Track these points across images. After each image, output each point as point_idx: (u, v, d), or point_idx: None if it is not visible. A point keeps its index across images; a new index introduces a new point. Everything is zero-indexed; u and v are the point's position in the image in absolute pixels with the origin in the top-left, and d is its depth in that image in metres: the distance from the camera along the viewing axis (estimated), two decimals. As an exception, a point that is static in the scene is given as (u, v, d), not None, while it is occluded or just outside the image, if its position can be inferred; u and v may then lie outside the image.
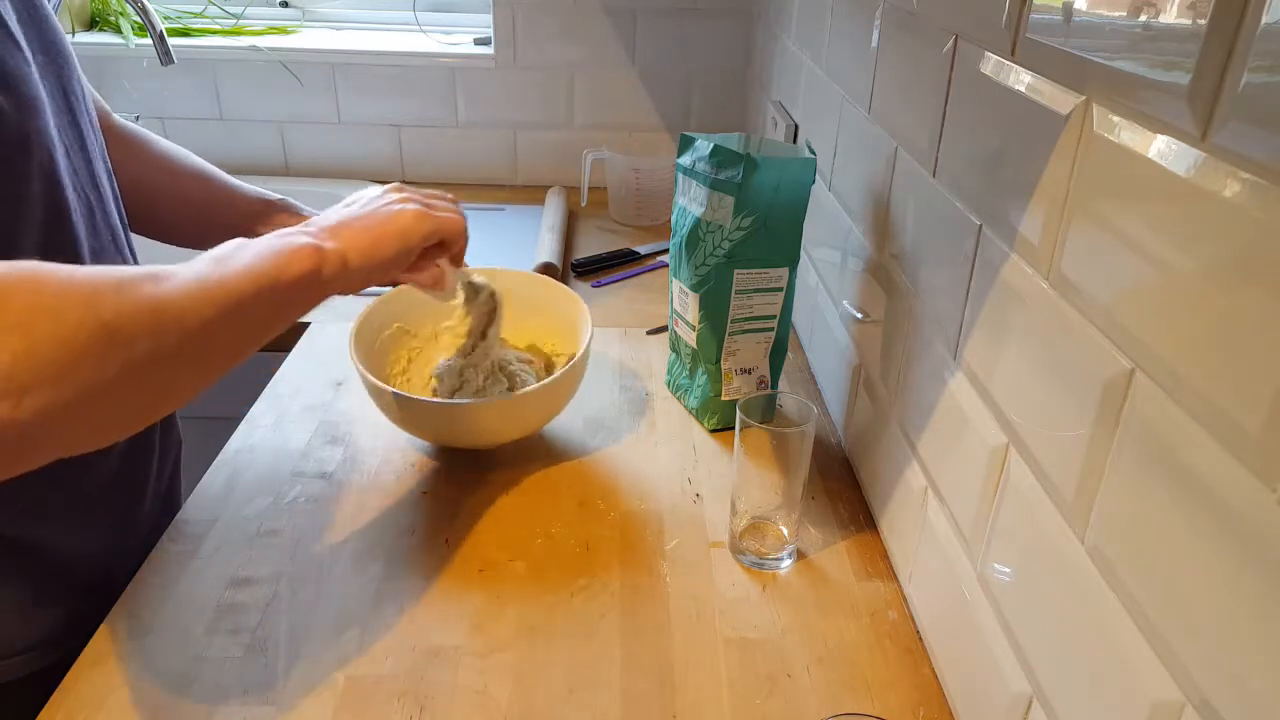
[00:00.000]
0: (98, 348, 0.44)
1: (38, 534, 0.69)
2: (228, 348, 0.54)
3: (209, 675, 0.65)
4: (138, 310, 0.46)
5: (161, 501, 0.82)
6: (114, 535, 0.75)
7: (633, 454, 0.91)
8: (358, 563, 0.76)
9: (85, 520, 0.72)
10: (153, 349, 0.47)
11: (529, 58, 1.58)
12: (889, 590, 0.75)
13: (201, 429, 0.97)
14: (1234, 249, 0.36)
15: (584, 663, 0.67)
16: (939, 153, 0.68)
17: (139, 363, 0.46)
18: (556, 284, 0.98)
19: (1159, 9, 0.41)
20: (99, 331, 0.44)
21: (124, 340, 0.45)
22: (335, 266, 0.60)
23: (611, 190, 1.50)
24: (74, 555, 0.71)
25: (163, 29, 1.25)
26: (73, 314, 0.43)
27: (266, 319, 0.56)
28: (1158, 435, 0.41)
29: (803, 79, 1.16)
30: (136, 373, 0.46)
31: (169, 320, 0.48)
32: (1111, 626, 0.44)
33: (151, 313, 0.47)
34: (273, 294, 0.55)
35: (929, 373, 0.70)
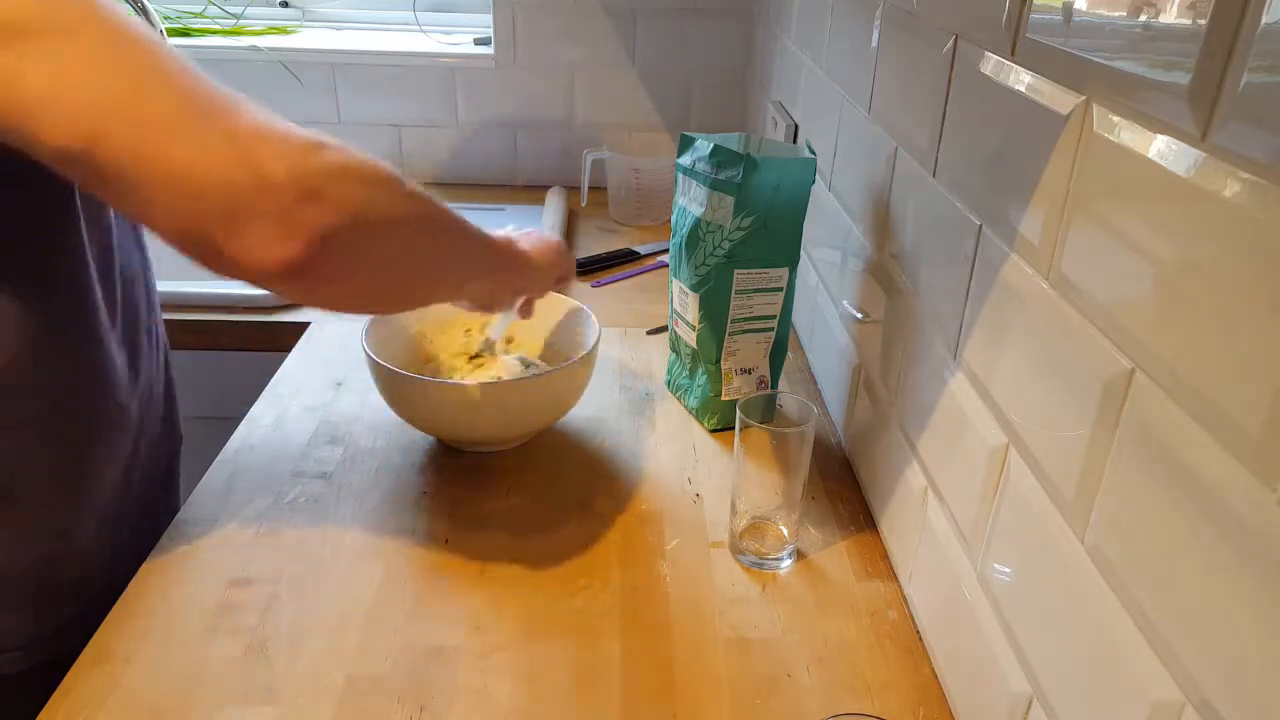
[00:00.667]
0: (397, 190, 0.56)
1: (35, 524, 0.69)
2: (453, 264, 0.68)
3: (209, 675, 0.65)
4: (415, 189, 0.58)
5: (158, 493, 0.82)
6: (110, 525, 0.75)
7: (633, 454, 0.91)
8: (358, 563, 0.76)
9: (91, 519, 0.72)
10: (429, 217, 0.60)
11: (529, 58, 1.58)
12: (889, 590, 0.75)
13: (201, 429, 0.97)
14: (1234, 249, 0.36)
15: (584, 663, 0.67)
16: (939, 153, 0.68)
17: (420, 219, 0.59)
18: (560, 296, 0.98)
19: (1159, 9, 0.41)
20: (394, 180, 0.56)
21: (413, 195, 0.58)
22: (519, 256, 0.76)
23: (611, 190, 1.50)
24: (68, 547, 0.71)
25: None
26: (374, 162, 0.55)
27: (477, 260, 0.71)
28: (1158, 435, 0.41)
29: (803, 79, 1.16)
30: (417, 230, 0.59)
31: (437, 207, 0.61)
32: (1111, 626, 0.44)
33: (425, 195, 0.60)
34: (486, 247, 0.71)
35: (929, 373, 0.70)
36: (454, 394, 0.83)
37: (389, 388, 0.85)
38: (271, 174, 0.48)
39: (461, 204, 1.57)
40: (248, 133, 0.49)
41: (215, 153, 0.48)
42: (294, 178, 0.49)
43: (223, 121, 0.48)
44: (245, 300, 1.17)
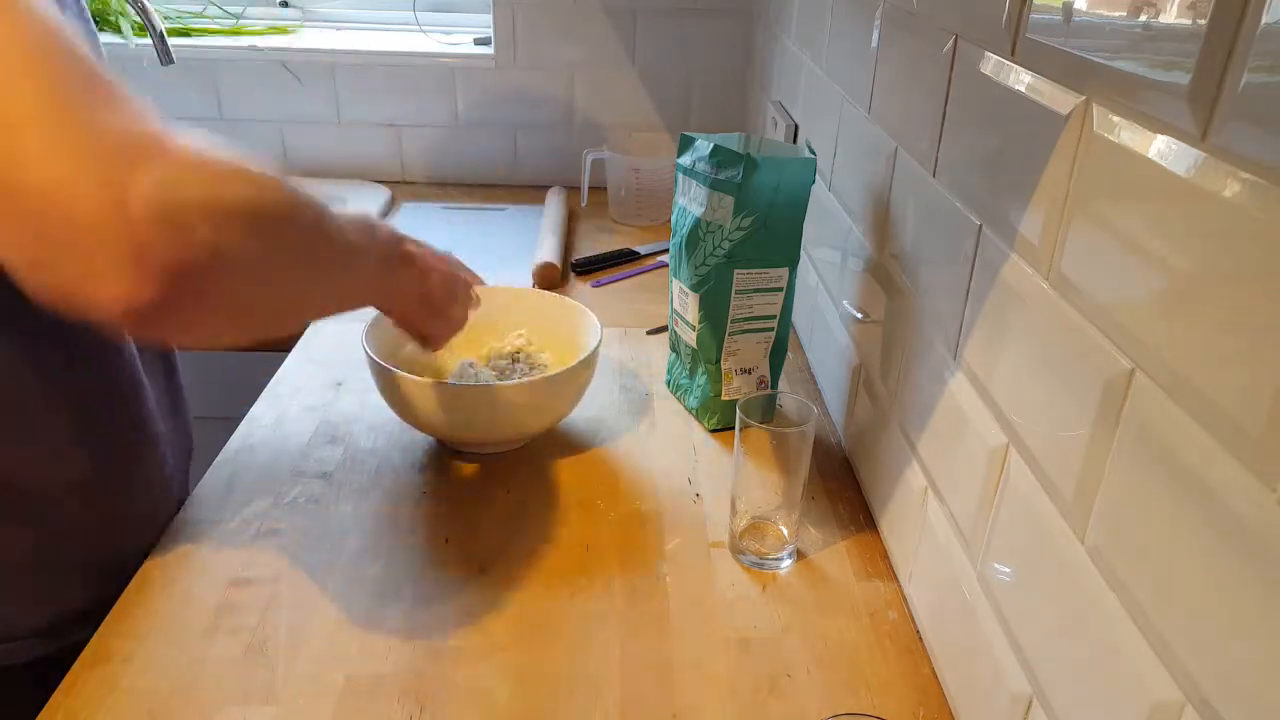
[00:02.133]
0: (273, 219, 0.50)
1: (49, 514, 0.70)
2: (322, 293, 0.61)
3: (209, 675, 0.65)
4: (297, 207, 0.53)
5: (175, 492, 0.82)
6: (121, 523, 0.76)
7: (633, 454, 0.91)
8: (358, 563, 0.76)
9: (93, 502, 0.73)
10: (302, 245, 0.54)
11: (529, 58, 1.58)
12: (889, 590, 0.75)
13: (202, 429, 0.97)
14: (1234, 249, 0.36)
15: (584, 662, 0.67)
16: (939, 153, 0.68)
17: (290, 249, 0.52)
18: (561, 298, 0.98)
19: (1159, 9, 0.41)
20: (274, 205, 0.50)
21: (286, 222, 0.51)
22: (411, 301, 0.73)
23: (611, 190, 1.50)
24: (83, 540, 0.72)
25: (163, 29, 1.25)
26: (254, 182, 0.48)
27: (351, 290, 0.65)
28: (1158, 435, 0.41)
29: (803, 79, 1.16)
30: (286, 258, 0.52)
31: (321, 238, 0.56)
32: (1111, 626, 0.44)
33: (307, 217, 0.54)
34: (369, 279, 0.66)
35: (929, 373, 0.70)
36: (453, 396, 0.83)
37: (389, 388, 0.85)
38: (127, 200, 0.41)
39: (462, 204, 1.59)
40: (111, 144, 0.42)
41: (68, 164, 0.41)
42: (152, 207, 0.42)
43: (88, 125, 0.42)
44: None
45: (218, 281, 0.46)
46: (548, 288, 1.26)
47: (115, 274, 0.42)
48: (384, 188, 1.60)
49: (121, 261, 0.42)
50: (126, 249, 0.41)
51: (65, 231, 0.41)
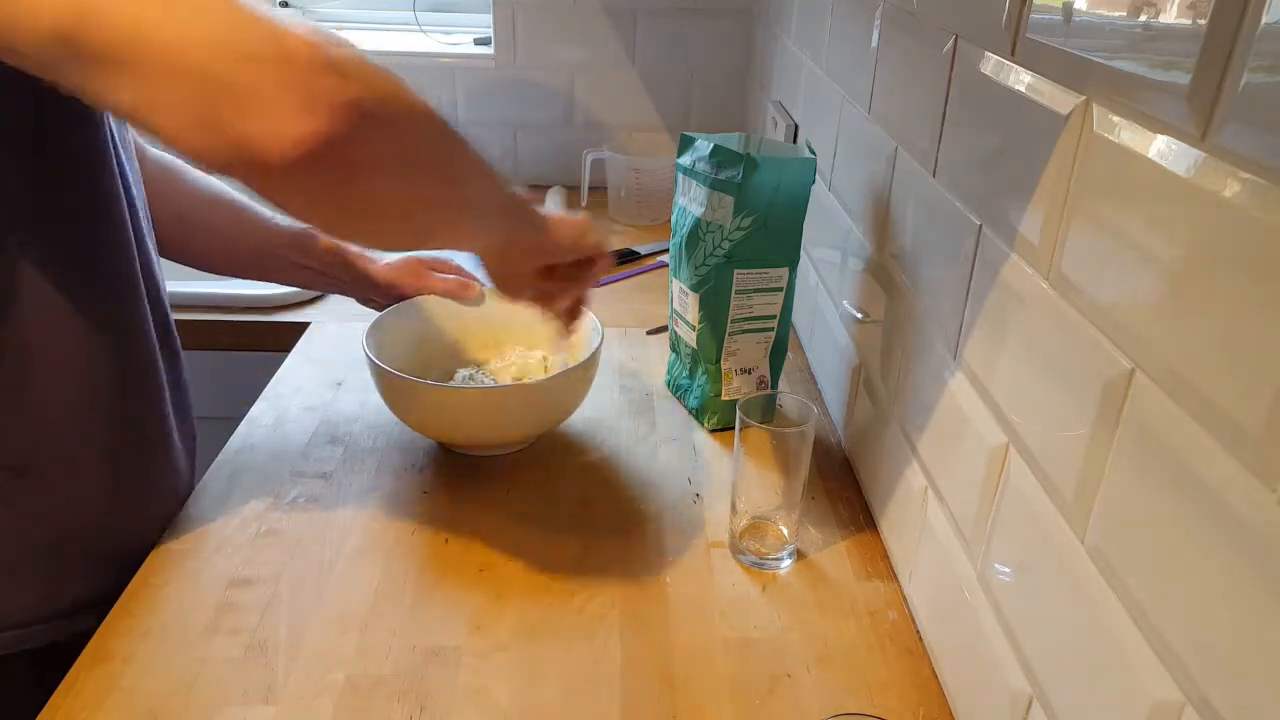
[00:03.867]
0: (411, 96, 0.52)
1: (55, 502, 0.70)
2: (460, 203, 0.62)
3: (209, 675, 0.65)
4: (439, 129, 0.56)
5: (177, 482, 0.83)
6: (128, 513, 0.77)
7: (633, 454, 0.91)
8: (358, 563, 0.76)
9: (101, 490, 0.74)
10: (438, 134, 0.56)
11: (529, 58, 1.58)
12: (889, 590, 0.75)
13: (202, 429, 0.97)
14: (1234, 249, 0.36)
15: (584, 663, 0.67)
16: (939, 153, 0.68)
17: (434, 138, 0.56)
18: None
19: (1159, 9, 0.41)
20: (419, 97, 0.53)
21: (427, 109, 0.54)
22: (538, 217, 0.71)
23: (611, 190, 1.50)
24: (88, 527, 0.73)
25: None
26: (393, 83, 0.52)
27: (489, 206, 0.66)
28: (1158, 435, 0.41)
29: (803, 79, 1.16)
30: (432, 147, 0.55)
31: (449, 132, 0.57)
32: (1111, 626, 0.44)
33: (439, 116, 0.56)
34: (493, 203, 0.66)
35: (929, 373, 0.70)
36: (453, 398, 0.83)
37: (389, 391, 0.85)
38: (293, 46, 0.45)
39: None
40: (259, 7, 0.46)
41: (224, 20, 0.45)
42: (315, 49, 0.46)
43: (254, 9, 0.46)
44: (245, 300, 1.17)
45: (381, 132, 0.50)
46: (548, 287, 1.26)
47: (285, 111, 0.45)
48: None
49: (289, 100, 0.45)
50: (293, 86, 0.45)
51: (236, 80, 0.44)
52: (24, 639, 0.70)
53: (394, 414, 0.88)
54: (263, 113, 0.45)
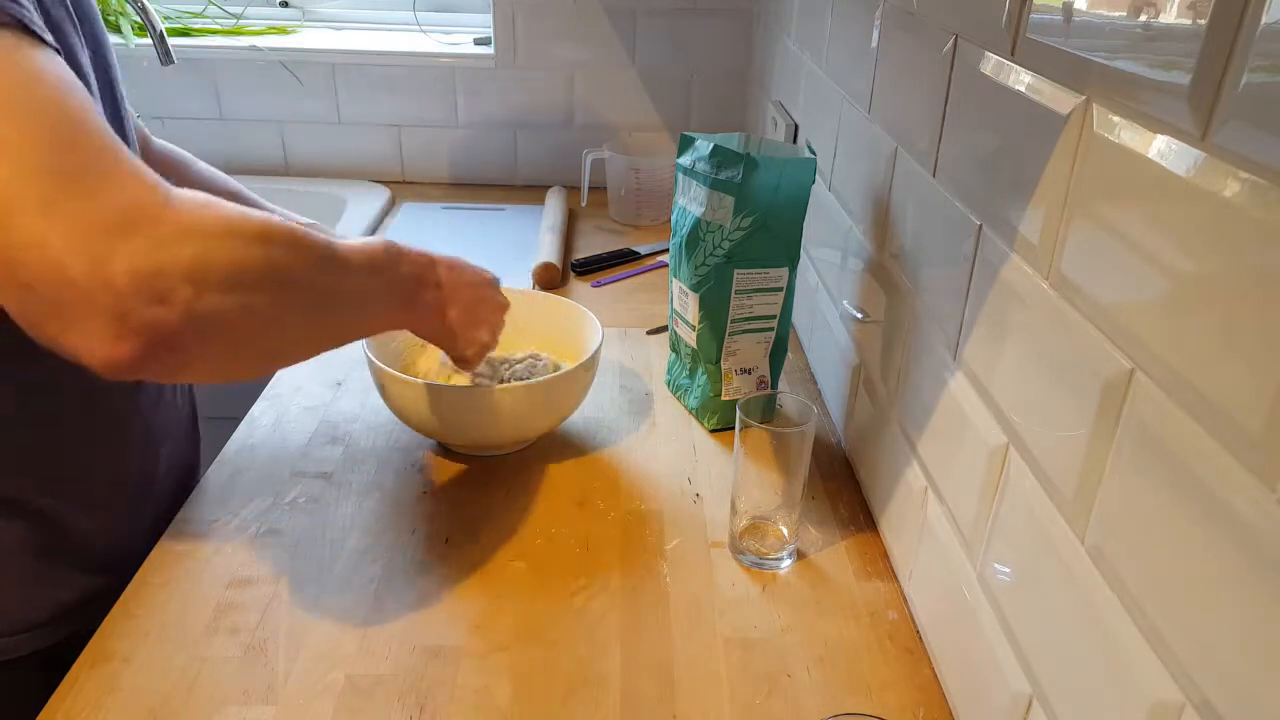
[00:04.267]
0: (262, 274, 0.50)
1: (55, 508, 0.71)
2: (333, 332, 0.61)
3: (209, 675, 0.65)
4: (297, 262, 0.54)
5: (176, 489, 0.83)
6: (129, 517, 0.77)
7: (633, 454, 0.91)
8: (358, 563, 0.76)
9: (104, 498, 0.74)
10: (300, 298, 0.54)
11: (529, 58, 1.58)
12: (889, 590, 0.75)
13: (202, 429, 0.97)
14: (1234, 249, 0.36)
15: (584, 663, 0.67)
16: (939, 153, 0.68)
17: (286, 303, 0.53)
18: (562, 299, 0.98)
19: (1159, 9, 0.41)
20: (265, 262, 0.50)
21: (283, 279, 0.52)
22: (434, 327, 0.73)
23: (611, 190, 1.50)
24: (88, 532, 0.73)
25: (163, 29, 1.25)
26: (244, 243, 0.49)
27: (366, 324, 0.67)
28: (1158, 435, 0.41)
29: (803, 79, 1.16)
30: (281, 311, 0.53)
31: (317, 283, 0.56)
32: (1111, 626, 0.44)
33: (306, 271, 0.55)
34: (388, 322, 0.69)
35: (929, 373, 0.70)
36: (452, 399, 0.83)
37: (387, 391, 0.85)
38: (112, 274, 0.44)
39: (461, 204, 1.59)
40: (98, 217, 0.45)
41: (54, 239, 0.44)
42: (136, 278, 0.44)
43: (75, 200, 0.44)
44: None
45: (205, 338, 0.48)
46: (547, 288, 1.26)
47: (99, 337, 0.45)
48: (384, 188, 1.60)
49: (105, 326, 0.45)
50: (109, 316, 0.45)
51: (53, 299, 0.44)
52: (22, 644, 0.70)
53: (392, 412, 0.88)
54: (76, 334, 0.45)
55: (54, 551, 0.71)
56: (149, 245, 0.45)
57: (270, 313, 0.52)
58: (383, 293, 0.65)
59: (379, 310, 0.66)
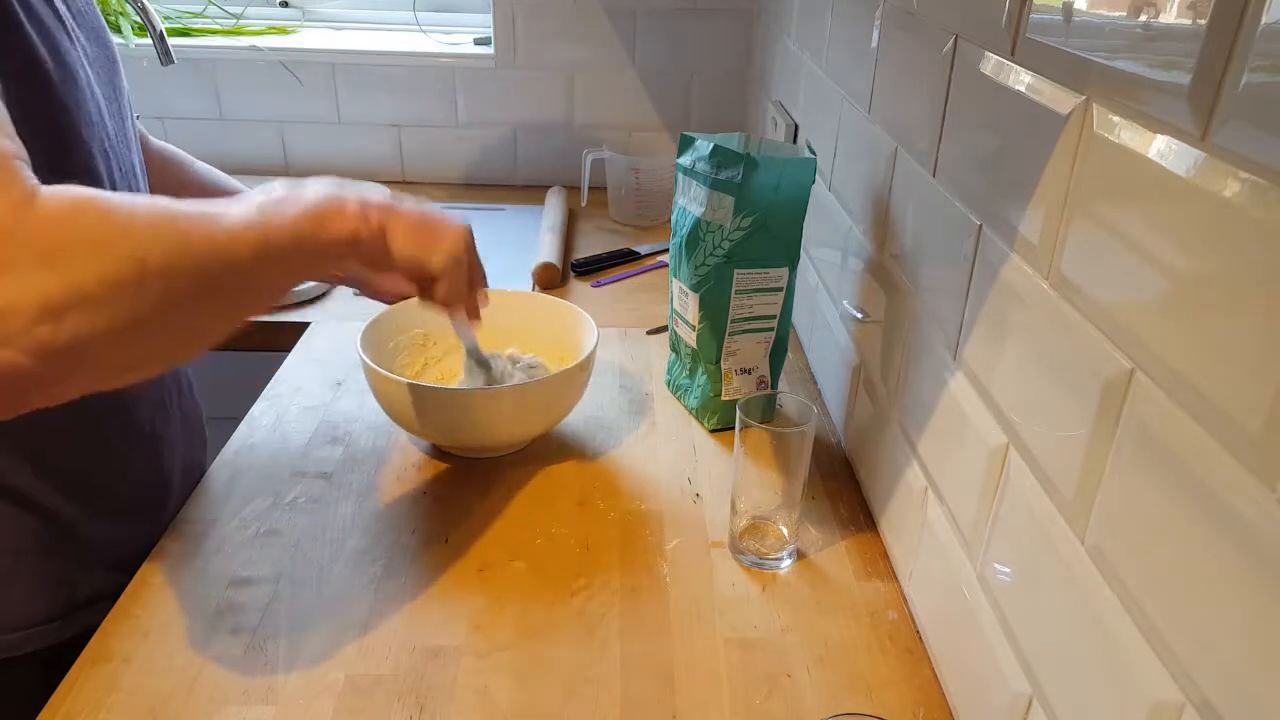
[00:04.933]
0: (133, 282, 0.45)
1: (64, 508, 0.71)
2: (259, 293, 0.55)
3: (209, 675, 0.65)
4: (178, 251, 0.47)
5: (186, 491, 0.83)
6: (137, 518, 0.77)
7: (633, 454, 0.91)
8: (358, 563, 0.76)
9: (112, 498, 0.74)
10: (188, 289, 0.48)
11: (529, 58, 1.58)
12: (889, 590, 0.75)
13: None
14: (1234, 249, 0.36)
15: (584, 663, 0.67)
16: (939, 153, 0.68)
17: (174, 300, 0.47)
18: (558, 301, 0.97)
19: (1159, 9, 0.41)
20: (135, 267, 0.45)
21: (159, 278, 0.46)
22: (374, 238, 0.60)
23: (611, 190, 1.50)
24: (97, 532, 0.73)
25: (163, 29, 1.25)
26: (112, 248, 0.44)
27: (298, 271, 0.58)
28: (1158, 435, 0.41)
29: (803, 79, 1.16)
30: (170, 309, 0.47)
31: (208, 264, 0.49)
32: (1111, 626, 0.44)
33: (191, 255, 0.48)
34: (312, 249, 0.56)
35: (929, 373, 0.70)
36: (445, 400, 0.82)
37: (380, 391, 0.84)
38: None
39: (461, 204, 1.59)
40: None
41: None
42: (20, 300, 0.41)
43: None
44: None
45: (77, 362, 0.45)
46: (547, 288, 1.26)
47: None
48: (384, 188, 1.60)
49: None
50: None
51: None
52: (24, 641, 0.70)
53: (388, 416, 0.87)
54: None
55: (63, 551, 0.71)
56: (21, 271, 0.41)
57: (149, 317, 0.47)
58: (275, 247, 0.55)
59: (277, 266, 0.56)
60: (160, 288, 0.46)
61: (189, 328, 0.51)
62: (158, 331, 0.48)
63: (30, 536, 0.69)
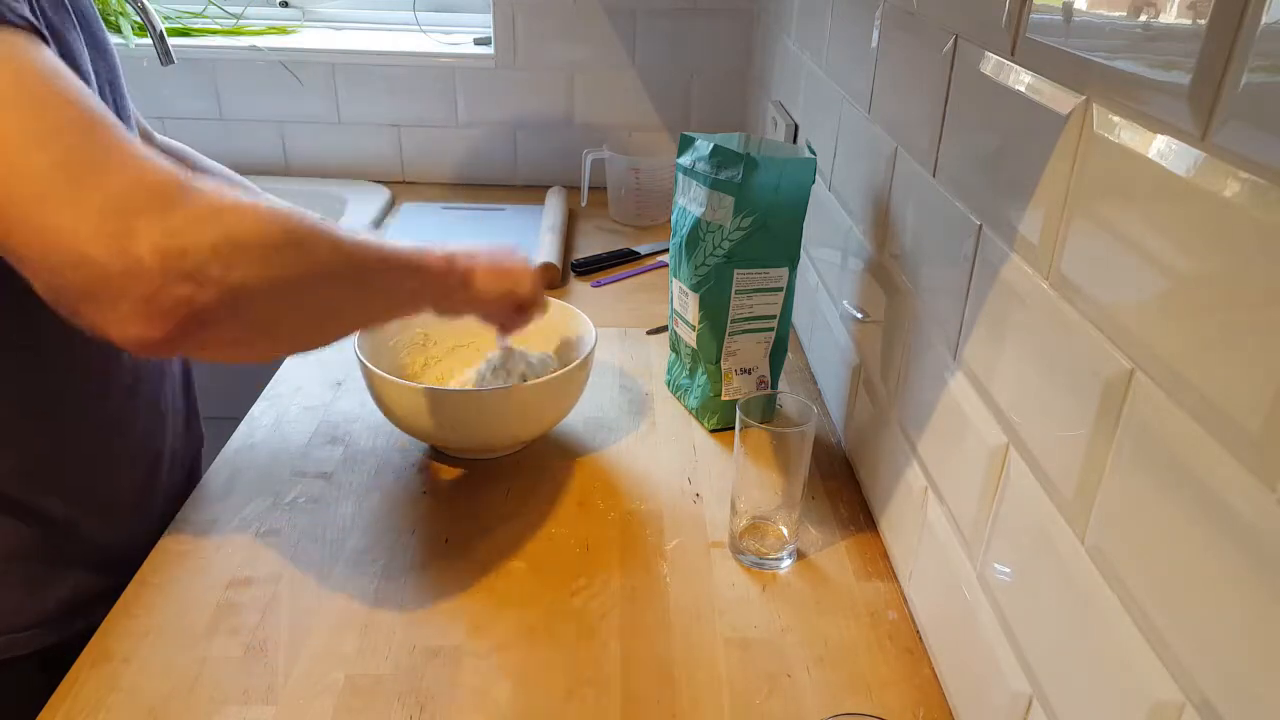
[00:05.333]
0: (287, 247, 0.51)
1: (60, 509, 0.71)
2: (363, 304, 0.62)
3: (209, 675, 0.65)
4: (318, 233, 0.54)
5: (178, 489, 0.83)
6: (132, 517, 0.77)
7: (633, 454, 0.91)
8: (358, 563, 0.76)
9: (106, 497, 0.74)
10: (327, 266, 0.55)
11: (529, 58, 1.58)
12: (889, 590, 0.75)
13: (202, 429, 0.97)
14: (1234, 249, 0.36)
15: (584, 663, 0.67)
16: (939, 153, 0.68)
17: (315, 273, 0.54)
18: (556, 301, 0.97)
19: (1159, 9, 0.41)
20: (287, 235, 0.51)
21: (308, 249, 0.53)
22: (460, 277, 0.70)
23: (611, 190, 1.50)
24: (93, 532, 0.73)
25: (163, 29, 1.25)
26: (263, 216, 0.50)
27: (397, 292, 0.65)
28: (1158, 435, 0.41)
29: (803, 79, 1.16)
30: (311, 282, 0.54)
31: (341, 250, 0.56)
32: (1111, 626, 0.44)
33: (329, 238, 0.55)
34: (410, 275, 0.66)
35: (929, 373, 0.70)
36: (440, 401, 0.82)
37: (376, 393, 0.84)
38: (139, 254, 0.45)
39: (461, 204, 1.59)
40: (121, 202, 0.46)
41: (82, 225, 0.45)
42: (164, 258, 0.46)
43: (98, 188, 0.46)
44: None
45: (237, 314, 0.49)
46: (548, 288, 1.26)
47: (130, 318, 0.46)
48: (384, 188, 1.60)
49: (135, 308, 0.46)
50: (139, 297, 0.46)
51: (83, 284, 0.46)
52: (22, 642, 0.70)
53: (384, 416, 0.87)
54: (108, 315, 0.46)
55: (60, 552, 0.71)
56: (172, 225, 0.46)
57: (297, 284, 0.53)
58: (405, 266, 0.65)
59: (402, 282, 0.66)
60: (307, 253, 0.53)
61: (320, 307, 0.57)
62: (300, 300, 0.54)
63: (29, 537, 0.69)
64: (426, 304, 0.69)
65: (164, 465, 0.80)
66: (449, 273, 0.69)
